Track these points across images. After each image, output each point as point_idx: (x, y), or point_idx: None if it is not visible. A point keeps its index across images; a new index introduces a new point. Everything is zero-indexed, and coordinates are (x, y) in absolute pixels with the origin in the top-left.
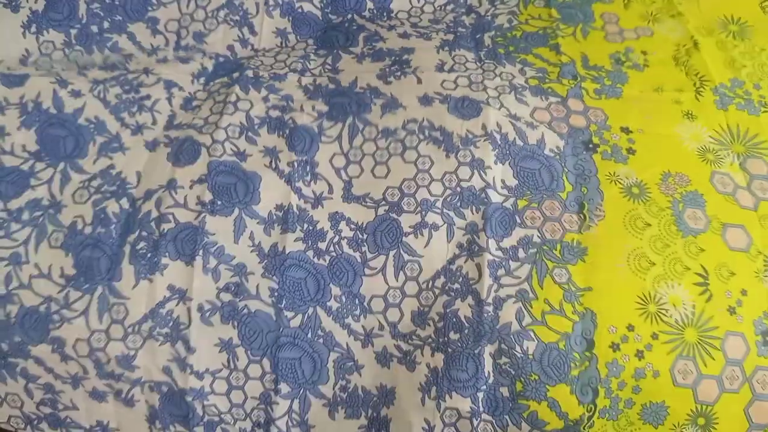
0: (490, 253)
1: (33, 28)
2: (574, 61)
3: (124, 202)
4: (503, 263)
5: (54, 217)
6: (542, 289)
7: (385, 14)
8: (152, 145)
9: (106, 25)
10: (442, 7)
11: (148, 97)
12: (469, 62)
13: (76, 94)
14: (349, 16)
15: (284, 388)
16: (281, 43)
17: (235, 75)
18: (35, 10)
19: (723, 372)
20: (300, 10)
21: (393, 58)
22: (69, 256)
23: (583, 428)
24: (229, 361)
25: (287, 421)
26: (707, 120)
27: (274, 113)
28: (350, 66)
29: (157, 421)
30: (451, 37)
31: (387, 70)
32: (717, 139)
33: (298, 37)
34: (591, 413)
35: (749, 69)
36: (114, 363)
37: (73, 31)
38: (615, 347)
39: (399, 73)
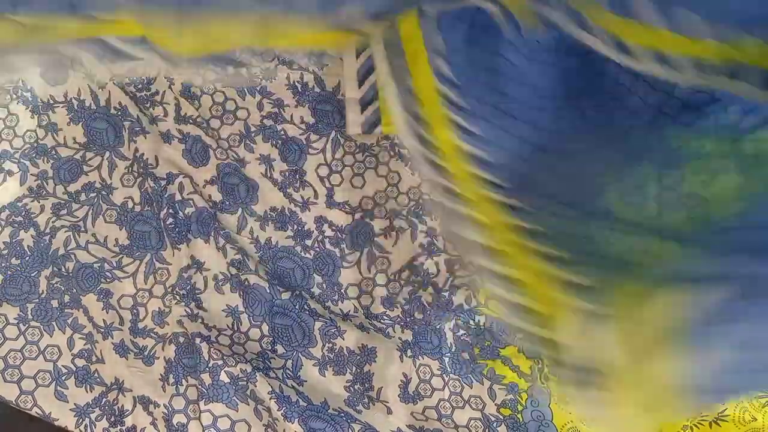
0: (446, 252)
1: None
2: None
3: (151, 182)
4: (458, 259)
5: (107, 197)
6: None
7: None
8: (167, 138)
9: None
10: None
11: (157, 92)
12: None
13: (101, 84)
14: None
15: (280, 349)
16: None
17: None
18: None
19: None
20: None
21: None
22: (123, 230)
23: (541, 380)
24: (233, 324)
25: (282, 373)
26: None
27: (268, 122)
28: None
29: (171, 375)
30: None
31: None
32: None
33: None
34: (540, 365)
35: None
36: (149, 318)
37: None
38: None
39: None
